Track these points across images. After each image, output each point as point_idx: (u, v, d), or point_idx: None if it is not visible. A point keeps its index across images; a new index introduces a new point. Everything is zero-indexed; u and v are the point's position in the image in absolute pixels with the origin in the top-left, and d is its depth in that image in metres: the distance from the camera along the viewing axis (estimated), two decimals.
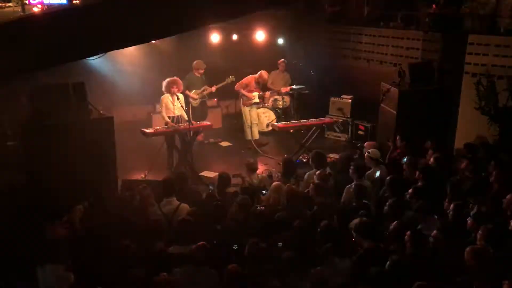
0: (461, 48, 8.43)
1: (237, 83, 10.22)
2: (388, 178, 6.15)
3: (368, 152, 6.99)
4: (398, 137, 7.78)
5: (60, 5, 8.35)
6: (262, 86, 10.48)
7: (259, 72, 10.17)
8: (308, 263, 4.54)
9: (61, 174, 5.67)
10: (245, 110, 10.41)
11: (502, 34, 8.19)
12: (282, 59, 11.28)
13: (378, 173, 6.73)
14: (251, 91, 10.20)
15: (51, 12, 5.47)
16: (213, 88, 10.35)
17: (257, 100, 10.29)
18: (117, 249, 4.62)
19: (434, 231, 4.87)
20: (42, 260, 4.53)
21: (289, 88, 10.79)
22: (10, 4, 9.40)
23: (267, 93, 10.61)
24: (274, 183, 6.50)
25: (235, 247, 4.88)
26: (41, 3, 8.39)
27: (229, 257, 4.76)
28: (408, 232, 4.68)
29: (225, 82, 10.42)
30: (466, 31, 8.56)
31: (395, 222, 5.02)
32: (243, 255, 4.70)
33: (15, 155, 6.27)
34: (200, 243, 4.63)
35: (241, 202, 5.78)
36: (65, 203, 5.55)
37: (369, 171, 6.88)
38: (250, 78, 10.21)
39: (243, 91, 10.24)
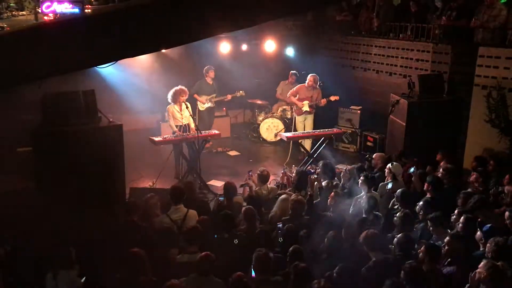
0: (472, 61, 8.40)
1: (289, 92, 10.05)
2: (399, 190, 6.12)
3: (391, 164, 6.95)
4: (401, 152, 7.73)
5: (72, 14, 8.45)
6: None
7: (308, 77, 9.78)
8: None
9: (69, 181, 5.70)
10: (298, 120, 10.00)
11: None
12: (294, 72, 11.24)
13: (390, 185, 6.69)
14: (302, 99, 9.83)
15: (63, 21, 5.52)
16: (229, 96, 10.44)
17: (307, 108, 9.81)
18: (127, 256, 4.62)
19: (447, 238, 4.84)
20: (55, 266, 4.55)
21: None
22: (23, 12, 9.53)
23: (323, 100, 9.77)
24: (282, 196, 6.48)
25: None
26: (54, 12, 8.49)
27: (236, 266, 4.74)
28: (423, 246, 4.66)
29: (234, 95, 10.50)
30: (477, 43, 8.53)
31: (402, 234, 5.00)
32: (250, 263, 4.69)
33: (25, 161, 6.31)
34: (204, 253, 4.63)
35: (245, 212, 5.77)
36: (73, 210, 5.57)
37: (382, 183, 6.84)
38: (300, 86, 9.97)
39: (293, 99, 9.95)
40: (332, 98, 9.80)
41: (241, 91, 10.54)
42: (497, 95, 7.92)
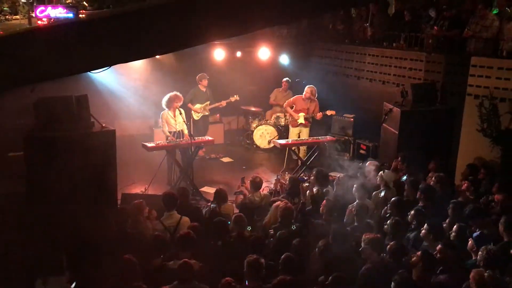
0: (464, 70, 8.46)
1: (286, 102, 9.93)
2: (393, 199, 6.13)
3: (383, 172, 6.97)
4: (399, 158, 7.76)
5: (66, 19, 8.43)
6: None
7: (305, 88, 9.61)
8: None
9: (61, 186, 5.65)
10: (292, 131, 9.89)
11: (505, 57, 8.22)
12: (286, 79, 11.31)
13: (382, 193, 6.71)
14: (298, 111, 9.71)
15: (57, 25, 5.51)
16: (223, 103, 10.40)
17: (302, 121, 9.65)
18: (119, 263, 4.59)
19: (439, 246, 4.84)
20: (45, 272, 4.52)
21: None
22: (17, 16, 9.50)
23: (320, 114, 9.65)
24: (275, 203, 6.47)
25: None
26: (48, 17, 8.48)
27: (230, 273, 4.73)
28: (419, 252, 4.66)
29: (228, 100, 10.48)
30: (469, 53, 8.61)
31: (393, 242, 5.00)
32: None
33: (16, 165, 6.27)
34: (182, 261, 4.61)
35: (236, 219, 5.76)
36: (64, 215, 5.53)
37: (375, 192, 6.85)
38: (297, 97, 9.79)
39: (289, 110, 9.79)
40: (329, 112, 9.77)
41: (235, 96, 10.52)
42: (489, 105, 7.97)
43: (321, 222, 5.97)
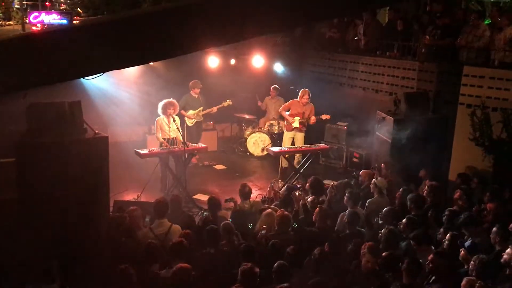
0: (456, 79, 8.52)
1: (282, 106, 9.93)
2: (385, 209, 6.14)
3: (376, 179, 6.99)
4: (383, 164, 7.77)
5: (60, 24, 8.42)
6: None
7: (301, 92, 9.57)
8: None
9: (53, 193, 5.61)
10: (286, 135, 9.84)
11: (496, 66, 8.30)
12: (274, 86, 11.32)
13: (376, 201, 6.73)
14: (294, 115, 9.63)
15: (50, 31, 5.49)
16: (214, 109, 10.37)
17: (296, 125, 9.60)
18: (115, 273, 4.54)
19: (431, 255, 4.84)
20: (35, 280, 4.47)
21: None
22: (10, 22, 9.47)
23: (313, 118, 9.58)
24: (266, 211, 6.45)
25: None
26: (41, 22, 8.47)
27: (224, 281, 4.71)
28: (406, 261, 4.66)
29: (221, 105, 10.45)
30: (461, 63, 8.67)
31: (387, 252, 5.00)
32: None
33: (8, 172, 6.22)
34: (178, 265, 4.57)
35: (224, 227, 5.73)
36: (56, 222, 5.48)
37: (369, 200, 6.86)
38: (292, 101, 9.76)
39: (284, 114, 9.77)
40: (323, 116, 9.73)
41: (228, 100, 10.49)
42: (481, 114, 8.02)
43: (314, 229, 5.95)
